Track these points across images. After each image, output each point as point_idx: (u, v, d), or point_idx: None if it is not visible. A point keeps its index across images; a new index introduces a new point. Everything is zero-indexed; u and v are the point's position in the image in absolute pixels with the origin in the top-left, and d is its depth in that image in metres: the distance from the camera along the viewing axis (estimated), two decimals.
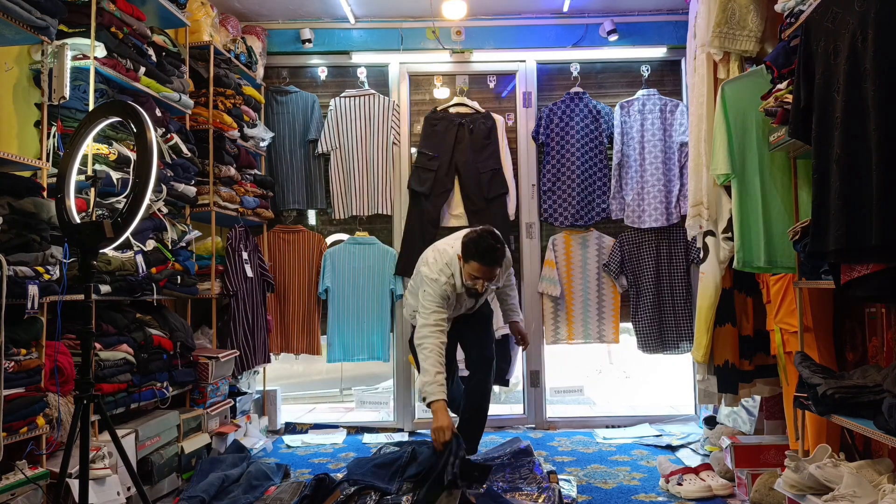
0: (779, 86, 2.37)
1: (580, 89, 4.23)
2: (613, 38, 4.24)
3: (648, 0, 4.17)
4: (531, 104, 4.33)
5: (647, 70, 4.26)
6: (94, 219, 2.18)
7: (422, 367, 2.85)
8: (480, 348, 3.20)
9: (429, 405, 2.75)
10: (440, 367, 2.79)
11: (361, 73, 4.34)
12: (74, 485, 2.15)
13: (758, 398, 3.16)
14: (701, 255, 3.13)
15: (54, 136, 2.53)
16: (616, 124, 4.19)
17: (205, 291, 3.46)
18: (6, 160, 2.17)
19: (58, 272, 2.28)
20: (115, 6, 2.75)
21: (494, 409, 4.94)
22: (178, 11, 3.25)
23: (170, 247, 2.98)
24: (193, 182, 3.29)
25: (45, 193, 2.30)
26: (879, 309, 2.48)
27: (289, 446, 3.78)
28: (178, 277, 3.02)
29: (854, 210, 1.82)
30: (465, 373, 3.43)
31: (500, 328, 4.07)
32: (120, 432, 2.44)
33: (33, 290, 2.13)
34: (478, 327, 3.26)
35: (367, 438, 3.96)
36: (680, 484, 2.78)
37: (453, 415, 3.15)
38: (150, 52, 3.02)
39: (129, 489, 2.49)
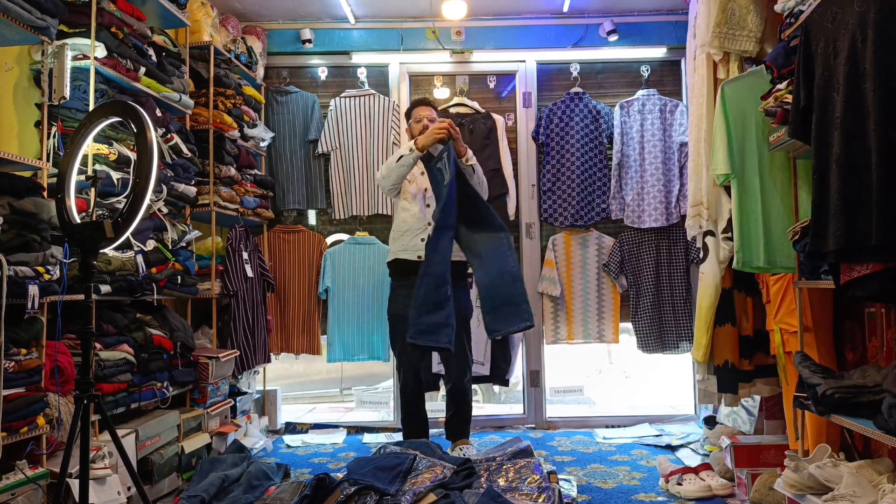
0: (778, 86, 2.37)
1: (580, 89, 4.24)
2: (613, 38, 4.24)
3: (648, 0, 4.17)
4: (531, 104, 4.33)
5: (647, 70, 4.26)
6: (94, 219, 2.18)
7: (389, 168, 3.27)
8: (457, 349, 3.19)
9: (413, 150, 3.19)
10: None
11: (361, 74, 4.34)
12: (75, 485, 2.15)
13: (758, 398, 3.16)
14: (701, 255, 3.13)
15: (54, 136, 2.53)
16: (616, 124, 4.19)
17: (205, 291, 3.46)
18: (6, 160, 2.17)
19: (58, 272, 2.28)
20: (116, 6, 2.75)
21: (494, 409, 4.96)
22: (179, 11, 3.25)
23: (170, 247, 2.98)
24: (193, 182, 3.29)
25: (45, 193, 2.30)
26: (879, 309, 2.48)
27: (289, 446, 3.78)
28: (179, 277, 3.02)
29: (854, 210, 1.83)
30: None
31: None
32: (120, 432, 2.44)
33: (33, 290, 2.13)
34: (460, 327, 3.24)
35: (367, 438, 3.96)
36: (680, 484, 2.78)
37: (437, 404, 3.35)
38: (151, 52, 3.02)
39: (129, 489, 2.49)
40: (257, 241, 4.07)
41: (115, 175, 2.63)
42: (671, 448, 3.57)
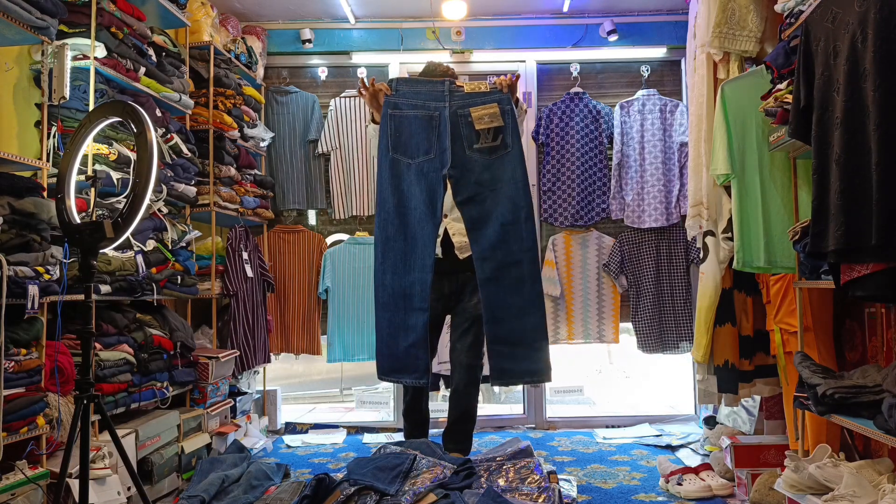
0: (779, 86, 2.37)
1: (580, 89, 4.24)
2: (613, 38, 4.24)
3: (648, 0, 4.17)
4: (531, 104, 4.33)
5: (647, 70, 4.26)
6: (94, 219, 2.18)
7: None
8: (468, 355, 3.05)
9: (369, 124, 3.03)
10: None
11: (361, 74, 4.34)
12: (74, 485, 2.15)
13: (758, 398, 3.16)
14: (701, 255, 3.13)
15: (54, 136, 2.53)
16: (616, 124, 4.19)
17: (205, 291, 3.46)
18: (6, 160, 2.17)
19: (58, 272, 2.28)
20: (115, 6, 2.75)
21: (494, 409, 4.96)
22: (179, 11, 3.25)
23: (170, 247, 2.98)
24: (193, 182, 3.29)
25: (45, 193, 2.30)
26: (879, 309, 2.48)
27: (289, 446, 3.78)
28: (179, 277, 3.02)
29: (854, 210, 1.83)
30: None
31: None
32: (120, 432, 2.44)
33: (33, 290, 2.13)
34: (469, 331, 3.05)
35: (368, 438, 3.96)
36: (680, 484, 2.78)
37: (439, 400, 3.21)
38: (151, 52, 3.02)
39: (129, 489, 2.49)
40: (257, 241, 4.07)
41: (115, 175, 2.64)
42: (671, 448, 3.57)
